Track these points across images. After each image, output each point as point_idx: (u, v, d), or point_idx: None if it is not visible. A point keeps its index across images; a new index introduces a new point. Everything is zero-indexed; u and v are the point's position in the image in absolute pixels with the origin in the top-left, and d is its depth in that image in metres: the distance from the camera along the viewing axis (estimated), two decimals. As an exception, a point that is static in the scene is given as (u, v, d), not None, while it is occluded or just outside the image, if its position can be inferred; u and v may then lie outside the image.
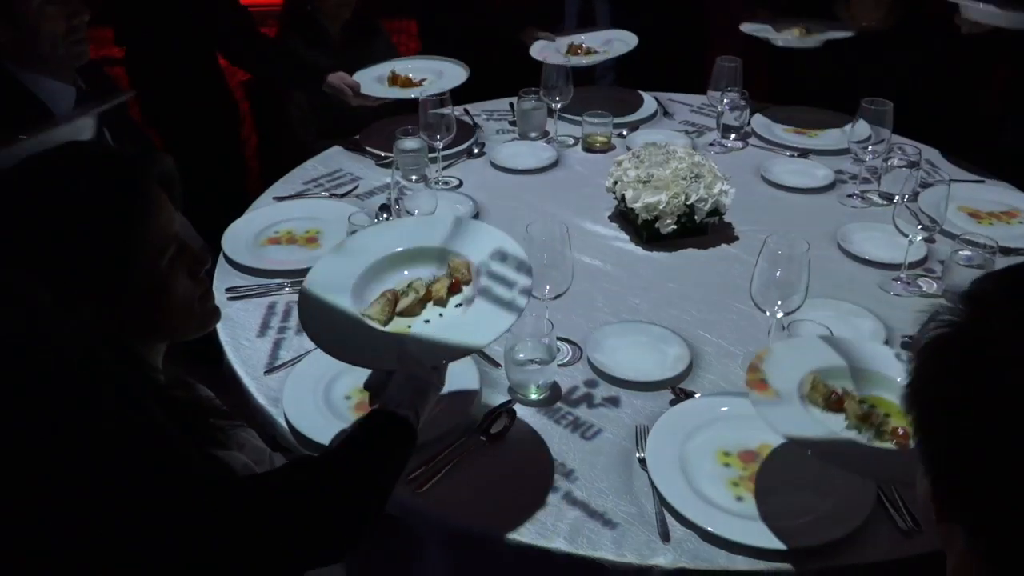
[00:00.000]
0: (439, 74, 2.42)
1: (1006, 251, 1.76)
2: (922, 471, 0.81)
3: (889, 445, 1.20)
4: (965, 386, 0.73)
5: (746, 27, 2.67)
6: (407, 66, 2.47)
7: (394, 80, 2.43)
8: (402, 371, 1.13)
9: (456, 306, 1.26)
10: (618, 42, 2.69)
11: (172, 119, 2.72)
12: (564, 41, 2.72)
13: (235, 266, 1.82)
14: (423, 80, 2.37)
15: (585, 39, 2.74)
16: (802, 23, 2.62)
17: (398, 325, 1.24)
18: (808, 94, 2.63)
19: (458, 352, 1.18)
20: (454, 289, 1.27)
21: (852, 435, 1.21)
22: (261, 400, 1.44)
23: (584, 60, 2.61)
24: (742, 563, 1.15)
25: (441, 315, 1.25)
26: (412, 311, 1.24)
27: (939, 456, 0.76)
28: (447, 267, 1.31)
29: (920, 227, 1.71)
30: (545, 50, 2.58)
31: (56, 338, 0.83)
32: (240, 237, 1.91)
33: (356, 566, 1.42)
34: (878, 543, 1.17)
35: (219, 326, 1.61)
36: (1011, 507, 0.69)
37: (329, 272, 1.28)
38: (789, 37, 2.60)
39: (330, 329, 1.21)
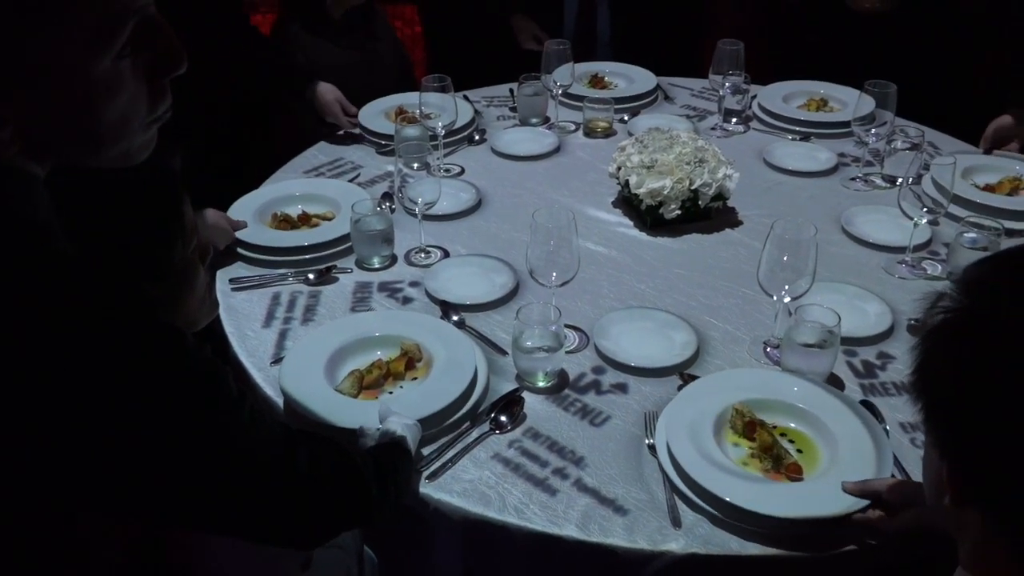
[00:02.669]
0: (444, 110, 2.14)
1: (1011, 233, 1.75)
2: (933, 456, 0.81)
3: (781, 478, 1.23)
4: (979, 370, 0.73)
5: None
6: (414, 100, 2.18)
7: (400, 114, 2.33)
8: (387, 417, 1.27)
9: (412, 379, 1.45)
10: (640, 80, 2.65)
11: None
12: (585, 69, 2.66)
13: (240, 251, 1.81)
14: (430, 115, 2.11)
15: (608, 71, 2.71)
16: None
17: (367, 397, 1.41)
18: (810, 78, 2.61)
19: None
20: (409, 366, 1.46)
21: (752, 463, 1.26)
22: (268, 391, 1.44)
23: (600, 94, 2.53)
24: (753, 548, 1.15)
25: (402, 387, 1.43)
26: (376, 385, 1.43)
27: (954, 441, 0.77)
28: (400, 348, 1.48)
29: (925, 210, 1.71)
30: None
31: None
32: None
33: (367, 554, 1.42)
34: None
35: (224, 317, 1.61)
36: None
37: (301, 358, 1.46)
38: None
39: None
